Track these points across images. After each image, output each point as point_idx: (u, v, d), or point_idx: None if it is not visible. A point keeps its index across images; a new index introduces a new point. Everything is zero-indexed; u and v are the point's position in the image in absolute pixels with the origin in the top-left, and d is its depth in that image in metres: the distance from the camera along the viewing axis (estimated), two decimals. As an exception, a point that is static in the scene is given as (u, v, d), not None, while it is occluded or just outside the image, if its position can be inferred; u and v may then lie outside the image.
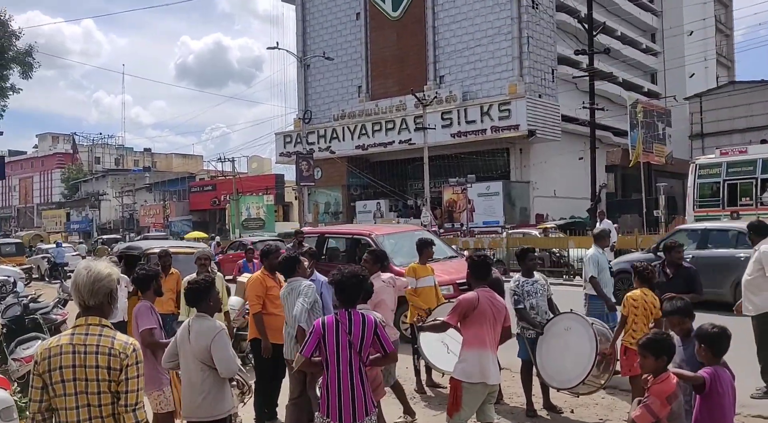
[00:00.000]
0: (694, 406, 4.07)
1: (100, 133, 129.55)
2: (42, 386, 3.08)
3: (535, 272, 7.44)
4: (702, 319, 4.55)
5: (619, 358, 6.76)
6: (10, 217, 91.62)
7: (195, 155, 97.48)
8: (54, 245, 34.34)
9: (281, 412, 7.16)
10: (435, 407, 7.61)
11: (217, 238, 37.84)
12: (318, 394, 5.23)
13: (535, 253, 7.77)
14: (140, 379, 3.13)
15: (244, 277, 10.87)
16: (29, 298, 11.34)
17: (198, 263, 8.78)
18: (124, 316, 8.65)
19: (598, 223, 19.51)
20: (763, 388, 7.46)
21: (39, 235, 54.96)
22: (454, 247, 15.82)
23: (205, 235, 40.89)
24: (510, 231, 26.68)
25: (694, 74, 49.01)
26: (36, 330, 9.29)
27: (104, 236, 48.59)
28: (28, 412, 3.13)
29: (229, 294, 9.80)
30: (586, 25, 30.03)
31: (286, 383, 7.25)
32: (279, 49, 37.07)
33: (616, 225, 23.39)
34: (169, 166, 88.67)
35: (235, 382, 5.04)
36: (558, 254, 21.22)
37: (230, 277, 12.37)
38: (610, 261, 10.21)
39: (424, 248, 8.72)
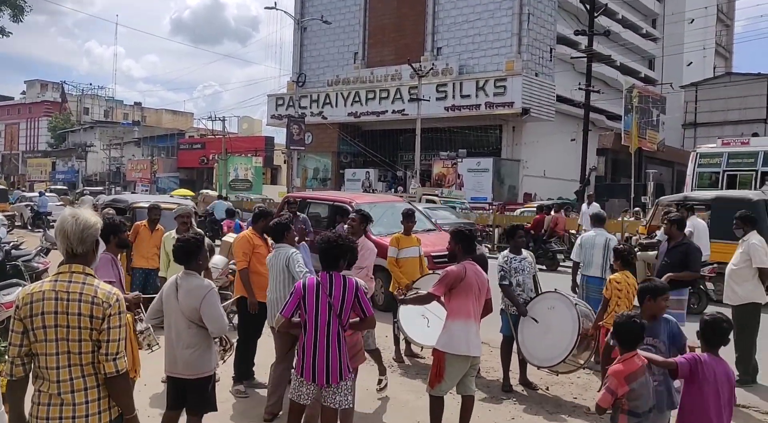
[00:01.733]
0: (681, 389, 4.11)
1: (90, 84, 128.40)
2: (22, 331, 3.06)
3: (522, 250, 7.47)
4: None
5: (598, 339, 6.82)
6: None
7: (185, 112, 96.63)
8: (38, 194, 34.14)
9: (257, 371, 7.23)
10: (413, 376, 7.66)
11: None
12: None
13: (523, 230, 7.75)
14: (122, 329, 3.12)
15: (229, 237, 10.87)
16: (11, 244, 11.28)
17: (179, 221, 8.34)
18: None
19: (585, 206, 19.50)
20: (735, 376, 7.55)
21: None
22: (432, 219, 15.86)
23: (192, 193, 40.65)
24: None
25: (691, 63, 49.03)
26: (17, 277, 9.25)
27: (54, 186, 48.71)
28: (7, 356, 3.11)
29: (212, 253, 9.78)
30: (588, 6, 29.86)
31: (261, 343, 7.30)
32: (277, 9, 36.67)
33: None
34: (158, 122, 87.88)
35: (218, 340, 5.04)
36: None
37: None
38: None
39: (407, 219, 8.74)
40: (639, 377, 3.98)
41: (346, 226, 11.90)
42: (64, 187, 49.83)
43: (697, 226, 11.51)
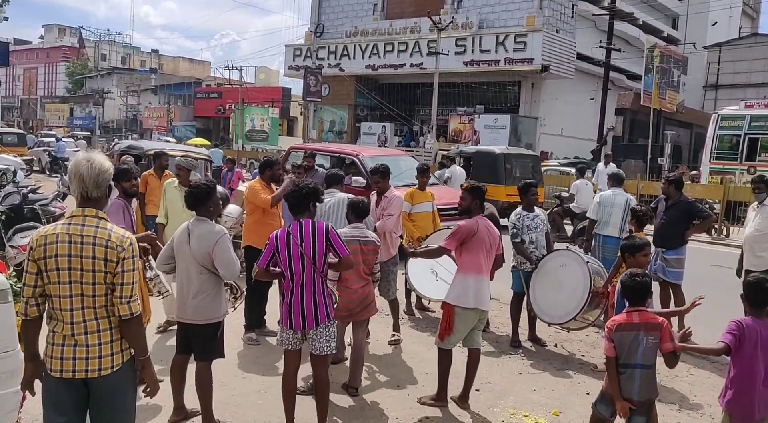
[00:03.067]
0: None
1: (108, 30, 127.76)
2: (36, 272, 3.10)
3: (535, 207, 7.44)
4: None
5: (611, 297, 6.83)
6: (13, 108, 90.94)
7: (203, 61, 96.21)
8: (55, 139, 34.32)
9: (268, 319, 7.33)
10: (422, 329, 7.74)
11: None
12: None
13: (536, 188, 7.69)
14: (136, 272, 3.16)
15: (243, 187, 10.90)
16: (29, 188, 11.38)
17: (181, 172, 7.99)
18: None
19: (602, 166, 19.36)
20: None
21: None
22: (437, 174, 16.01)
23: (208, 143, 40.64)
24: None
25: (717, 23, 47.94)
26: (34, 220, 9.36)
27: (47, 131, 48.81)
28: (22, 296, 3.16)
29: (225, 203, 9.82)
30: (613, -39, 29.20)
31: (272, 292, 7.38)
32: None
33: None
34: (175, 70, 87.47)
35: (228, 288, 5.09)
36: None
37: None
38: None
39: (422, 174, 8.72)
40: (626, 331, 4.09)
41: (353, 178, 11.95)
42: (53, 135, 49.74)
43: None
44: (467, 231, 5.35)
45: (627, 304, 4.30)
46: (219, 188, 10.83)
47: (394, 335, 7.18)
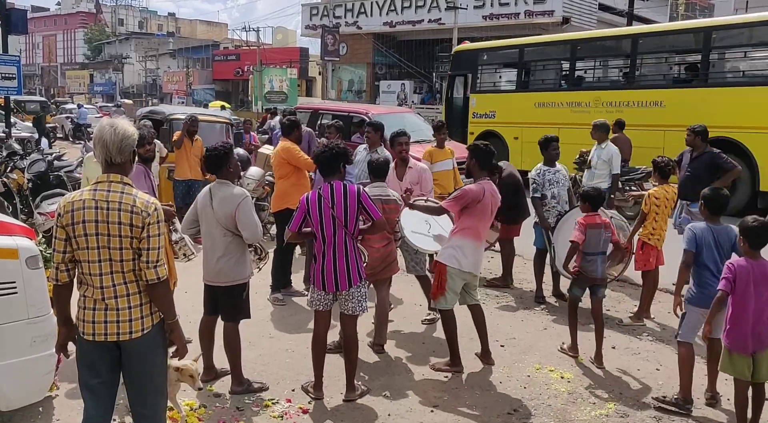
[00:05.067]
0: None
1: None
2: (65, 238, 3.14)
3: (557, 162, 7.37)
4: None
5: (635, 252, 6.82)
6: (34, 76, 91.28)
7: (220, 23, 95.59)
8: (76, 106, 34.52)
9: (294, 279, 7.41)
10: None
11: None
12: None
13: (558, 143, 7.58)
14: (161, 237, 3.19)
15: (266, 149, 10.92)
16: (53, 155, 11.51)
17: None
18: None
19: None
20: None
21: None
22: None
23: (229, 105, 40.61)
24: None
25: (744, -33, 46.64)
26: (60, 187, 9.49)
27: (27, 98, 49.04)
28: (52, 262, 3.21)
29: (247, 165, 9.85)
30: None
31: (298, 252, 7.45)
32: None
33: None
34: (193, 33, 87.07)
35: (252, 249, 5.14)
36: None
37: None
38: None
39: (438, 131, 8.65)
40: (595, 229, 5.64)
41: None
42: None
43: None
44: (473, 197, 5.24)
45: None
46: (240, 150, 10.89)
47: (429, 314, 6.75)
